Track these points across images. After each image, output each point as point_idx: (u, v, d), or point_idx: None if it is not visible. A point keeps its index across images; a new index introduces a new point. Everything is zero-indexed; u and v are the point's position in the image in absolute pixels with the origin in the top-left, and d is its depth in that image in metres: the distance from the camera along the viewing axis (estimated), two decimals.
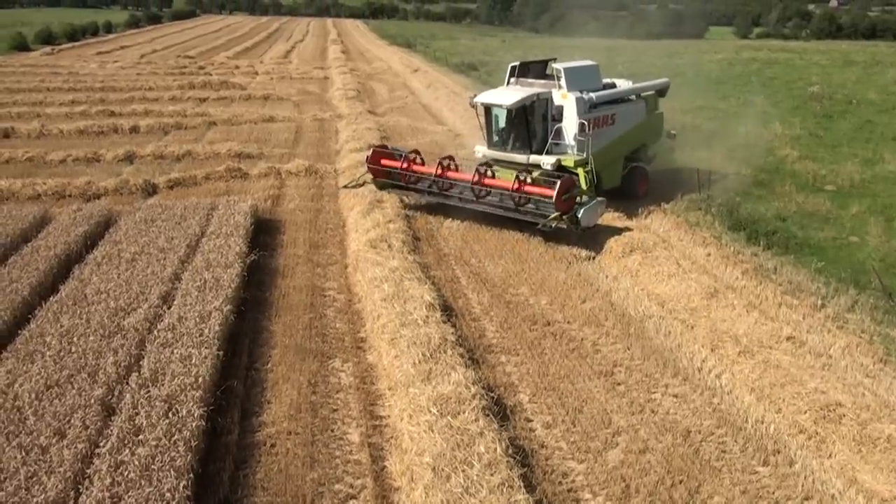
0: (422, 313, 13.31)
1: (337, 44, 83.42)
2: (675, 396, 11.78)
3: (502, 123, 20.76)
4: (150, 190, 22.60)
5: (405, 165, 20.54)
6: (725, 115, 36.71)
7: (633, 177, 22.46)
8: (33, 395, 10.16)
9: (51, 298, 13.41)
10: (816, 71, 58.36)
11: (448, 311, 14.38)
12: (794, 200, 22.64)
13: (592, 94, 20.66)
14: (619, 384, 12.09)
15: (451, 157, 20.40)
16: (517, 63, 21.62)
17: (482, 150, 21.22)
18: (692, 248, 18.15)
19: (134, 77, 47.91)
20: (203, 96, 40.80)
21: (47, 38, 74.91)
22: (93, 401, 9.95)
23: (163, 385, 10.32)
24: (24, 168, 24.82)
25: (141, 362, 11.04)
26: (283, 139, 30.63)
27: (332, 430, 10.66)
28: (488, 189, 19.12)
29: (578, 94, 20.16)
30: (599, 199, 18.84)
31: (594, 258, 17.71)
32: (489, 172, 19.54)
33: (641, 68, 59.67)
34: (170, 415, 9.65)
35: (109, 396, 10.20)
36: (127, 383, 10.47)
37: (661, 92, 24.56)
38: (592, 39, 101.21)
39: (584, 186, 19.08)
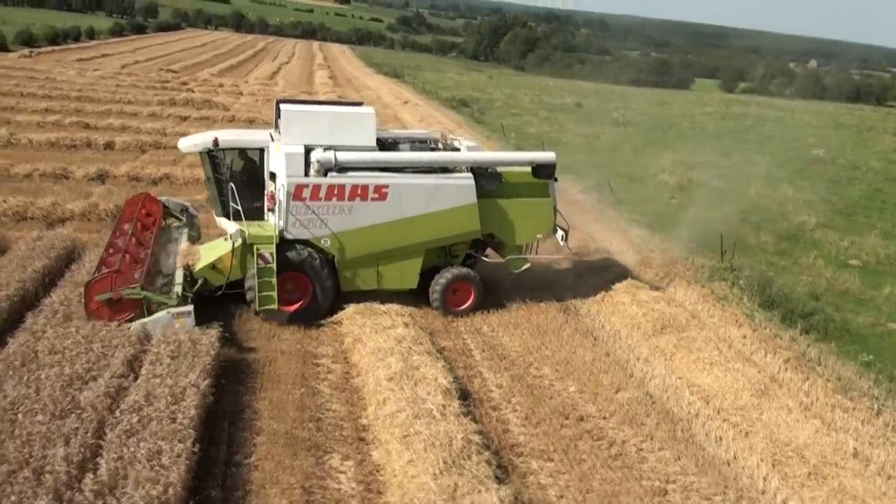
0: (437, 401, 11.24)
1: (324, 69, 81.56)
2: None
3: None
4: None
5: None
6: (730, 172, 35.33)
7: (446, 283, 15.85)
8: None
9: None
10: (811, 132, 57.56)
11: (464, 395, 12.32)
12: (822, 276, 21.05)
13: (335, 154, 14.47)
14: None
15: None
16: (281, 99, 16.19)
17: None
18: (725, 327, 16.35)
19: (113, 88, 45.46)
20: (184, 114, 38.58)
21: (27, 40, 71.99)
22: None
23: (124, 496, 8.13)
24: None
25: (98, 458, 8.83)
26: None
27: None
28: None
29: (294, 149, 14.45)
30: (182, 309, 12.70)
31: (620, 334, 15.74)
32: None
33: (635, 116, 58.86)
34: None
35: None
36: (80, 489, 8.25)
37: (542, 170, 16.26)
38: (578, 82, 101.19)
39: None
